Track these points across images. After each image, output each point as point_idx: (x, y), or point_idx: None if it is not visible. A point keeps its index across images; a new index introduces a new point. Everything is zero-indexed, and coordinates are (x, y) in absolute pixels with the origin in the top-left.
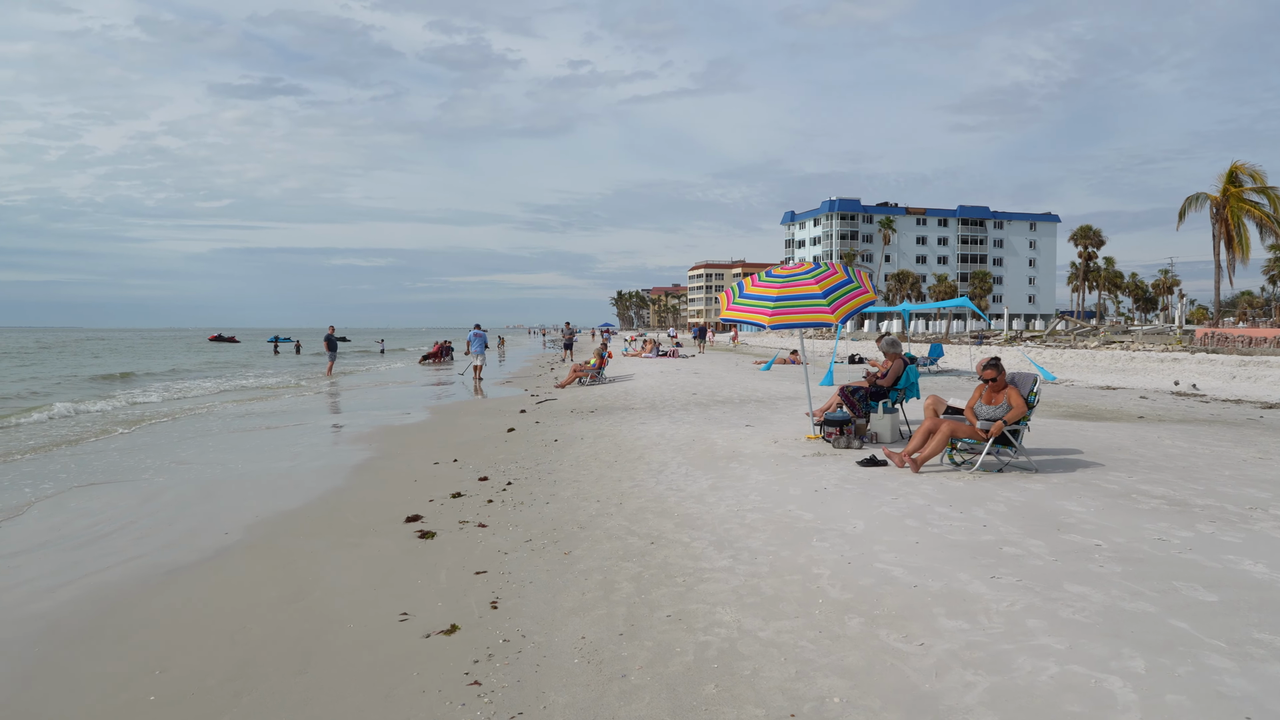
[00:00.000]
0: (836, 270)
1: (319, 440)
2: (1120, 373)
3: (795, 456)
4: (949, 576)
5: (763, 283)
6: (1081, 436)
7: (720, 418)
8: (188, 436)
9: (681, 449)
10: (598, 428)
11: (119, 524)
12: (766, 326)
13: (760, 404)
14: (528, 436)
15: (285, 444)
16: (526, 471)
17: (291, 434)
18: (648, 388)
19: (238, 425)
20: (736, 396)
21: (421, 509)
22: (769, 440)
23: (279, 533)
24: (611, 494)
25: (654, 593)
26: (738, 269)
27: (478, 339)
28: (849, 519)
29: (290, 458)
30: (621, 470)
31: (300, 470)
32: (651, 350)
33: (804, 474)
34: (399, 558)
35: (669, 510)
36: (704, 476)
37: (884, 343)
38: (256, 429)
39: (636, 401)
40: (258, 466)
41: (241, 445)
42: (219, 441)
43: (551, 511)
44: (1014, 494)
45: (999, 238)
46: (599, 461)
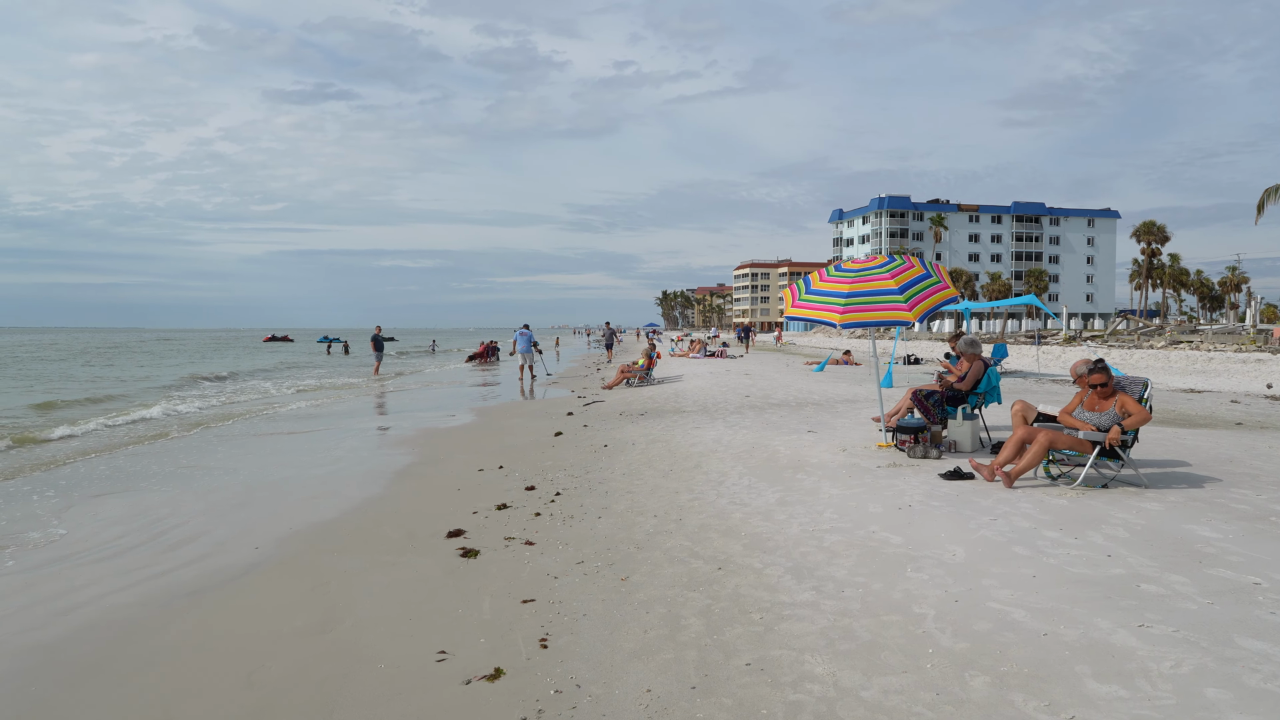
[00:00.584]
0: (913, 264)
1: (361, 444)
2: (1200, 374)
3: (868, 467)
4: (1085, 623)
5: (832, 278)
6: (1181, 446)
7: (778, 422)
8: (229, 438)
9: (741, 457)
10: (649, 432)
11: (148, 534)
12: (837, 325)
13: (818, 407)
14: (576, 441)
15: (327, 447)
16: (576, 480)
17: (335, 437)
18: (698, 389)
19: (283, 428)
20: (792, 399)
21: (464, 522)
22: (836, 448)
23: (312, 548)
24: (669, 508)
25: (727, 632)
26: (784, 268)
27: (524, 338)
28: (945, 544)
29: (332, 461)
30: (678, 480)
31: (340, 476)
32: (699, 350)
33: (882, 487)
34: (439, 580)
35: (734, 528)
36: (769, 489)
37: (962, 342)
38: (300, 431)
39: (687, 404)
40: (298, 471)
41: (284, 449)
42: (263, 444)
43: (604, 527)
44: (1130, 515)
45: (1055, 235)
46: (653, 470)
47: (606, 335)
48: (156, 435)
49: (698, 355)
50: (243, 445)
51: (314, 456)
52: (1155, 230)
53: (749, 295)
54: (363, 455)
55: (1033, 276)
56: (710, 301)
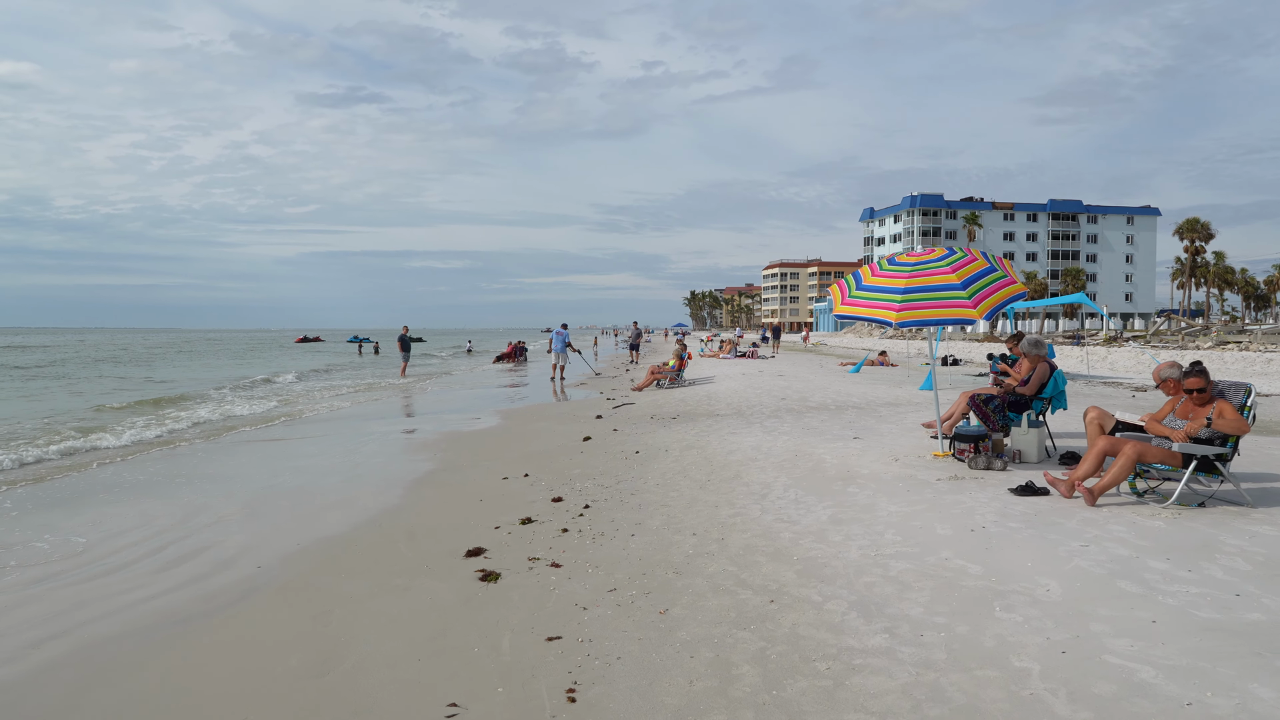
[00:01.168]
0: (975, 257)
1: (382, 448)
2: (1262, 376)
3: (927, 480)
4: (1238, 689)
5: (886, 272)
6: (1270, 456)
7: (820, 427)
8: (249, 442)
9: (784, 466)
10: (682, 437)
11: (149, 548)
12: (893, 323)
13: (860, 411)
14: (606, 447)
15: (347, 452)
16: (606, 491)
17: (356, 440)
18: (731, 391)
19: (305, 431)
20: (831, 402)
21: (485, 538)
22: (887, 457)
23: (318, 568)
24: (709, 525)
25: (789, 686)
26: (814, 268)
27: (559, 338)
28: (1034, 576)
29: (350, 468)
30: (717, 492)
31: (357, 483)
32: (729, 351)
33: (947, 504)
34: (454, 610)
35: (784, 551)
36: (819, 504)
37: (1025, 343)
38: (321, 435)
39: (721, 407)
40: (314, 479)
41: (303, 454)
42: (282, 449)
43: (638, 547)
44: (1244, 541)
45: (1093, 233)
46: (689, 480)
47: (633, 336)
48: (165, 442)
49: (728, 356)
50: (261, 450)
51: (332, 462)
52: (1199, 228)
53: (778, 295)
54: (383, 461)
55: (1070, 275)
56: (739, 302)
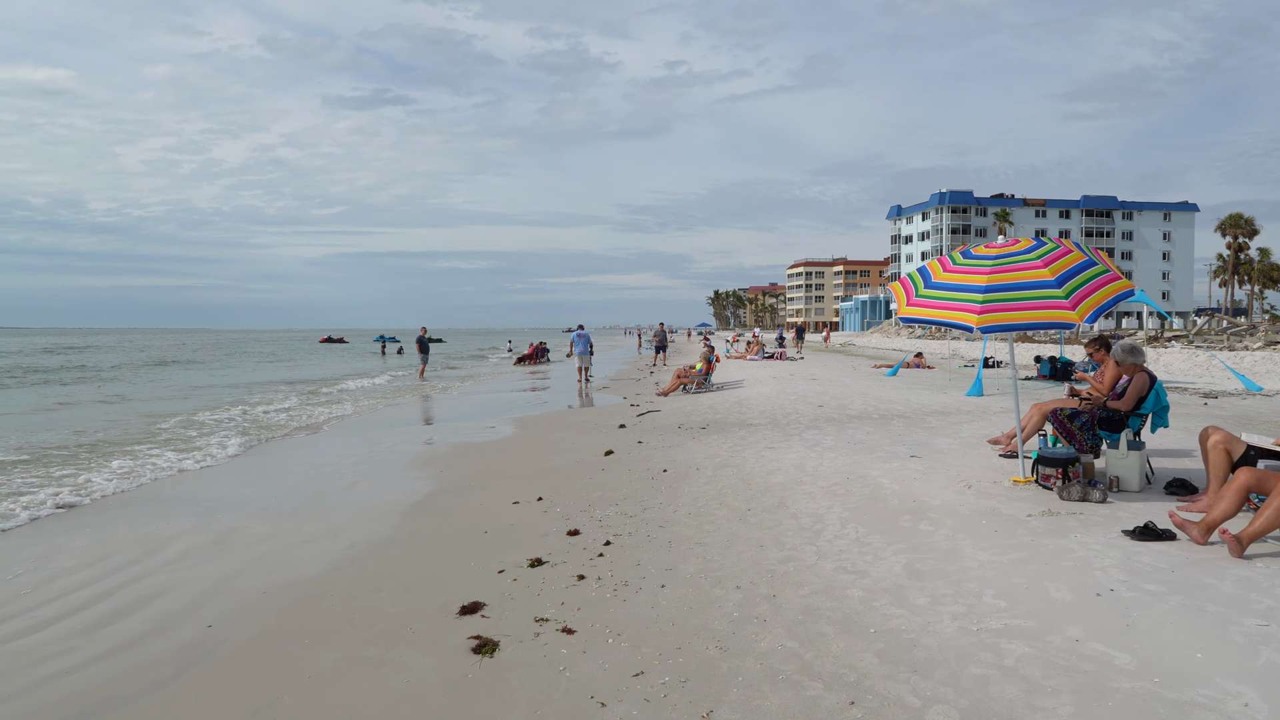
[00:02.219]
0: (1070, 248)
1: (384, 462)
2: None
3: (1015, 515)
4: None
5: (962, 266)
6: None
7: (868, 441)
8: (235, 455)
9: (836, 493)
10: (715, 452)
11: (89, 595)
12: (974, 329)
13: (908, 421)
14: (629, 463)
15: (343, 468)
16: (630, 522)
17: (356, 452)
18: (763, 397)
19: (302, 442)
20: (873, 410)
21: (485, 587)
22: (957, 482)
23: (280, 627)
24: (755, 573)
25: None
26: (839, 266)
27: (581, 340)
28: (1214, 677)
29: (344, 488)
30: (761, 527)
31: (348, 507)
32: (756, 352)
33: (1050, 552)
34: (436, 699)
35: (856, 618)
36: (889, 547)
37: (1118, 349)
38: (318, 446)
39: (754, 415)
40: (299, 502)
41: (292, 469)
42: (273, 463)
43: (670, 605)
44: None
45: (1128, 229)
46: (726, 509)
47: (659, 337)
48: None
49: (755, 357)
50: (253, 465)
51: (323, 481)
52: (1242, 223)
53: (803, 295)
54: (381, 479)
55: None
56: (763, 301)
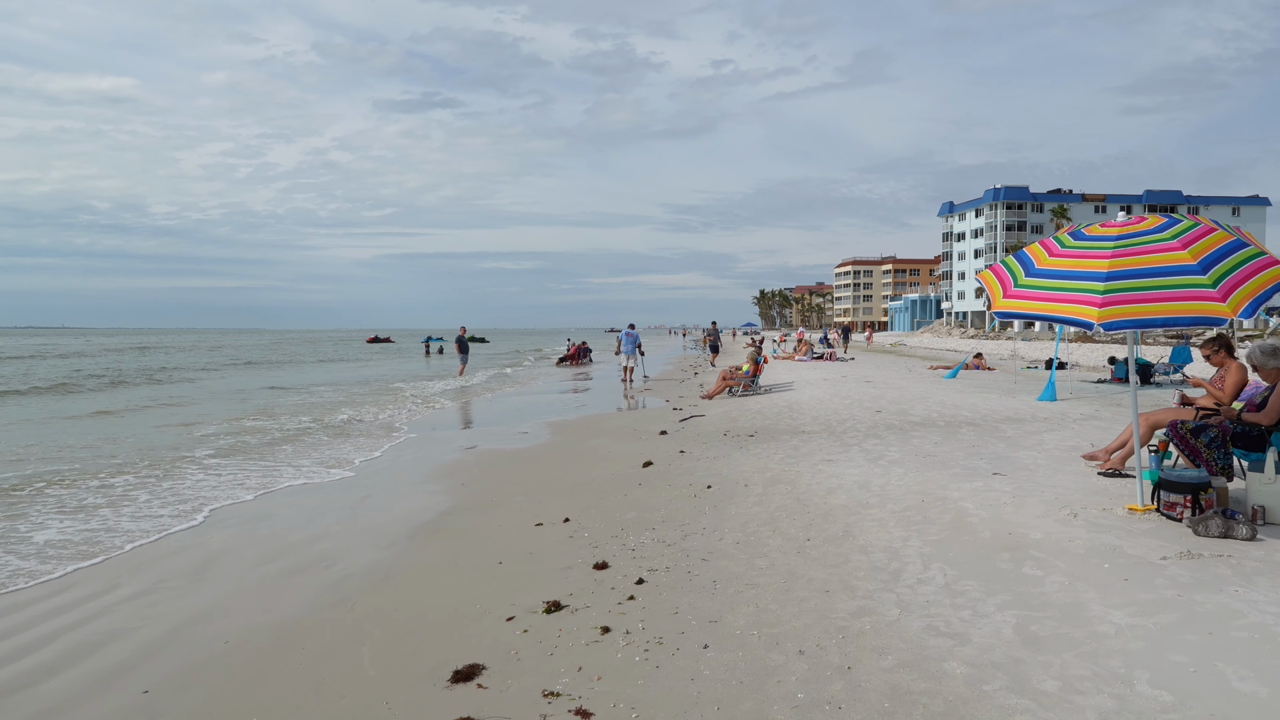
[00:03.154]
0: (1211, 226)
1: (402, 473)
2: None
3: (1144, 556)
4: None
5: (1073, 249)
6: None
7: (938, 453)
8: (253, 451)
9: (910, 519)
10: (765, 464)
11: (27, 640)
12: (1095, 325)
13: (979, 430)
14: (669, 476)
15: (355, 479)
16: (668, 553)
17: (374, 462)
18: (815, 401)
19: (313, 445)
20: (938, 416)
21: (488, 640)
22: (1057, 508)
23: (228, 695)
24: (822, 631)
25: None
26: (888, 265)
27: (629, 339)
28: None
29: (354, 503)
30: (824, 563)
31: (349, 529)
32: (805, 353)
33: (1208, 614)
34: None
35: (962, 708)
36: (989, 598)
37: (1258, 350)
38: (330, 453)
39: (806, 421)
40: (300, 518)
41: (296, 477)
42: (280, 471)
43: (713, 677)
44: None
45: None
46: (780, 537)
47: (712, 336)
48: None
49: (804, 358)
50: (255, 474)
51: (330, 495)
52: None
53: (851, 294)
54: (395, 491)
55: None
56: (809, 300)
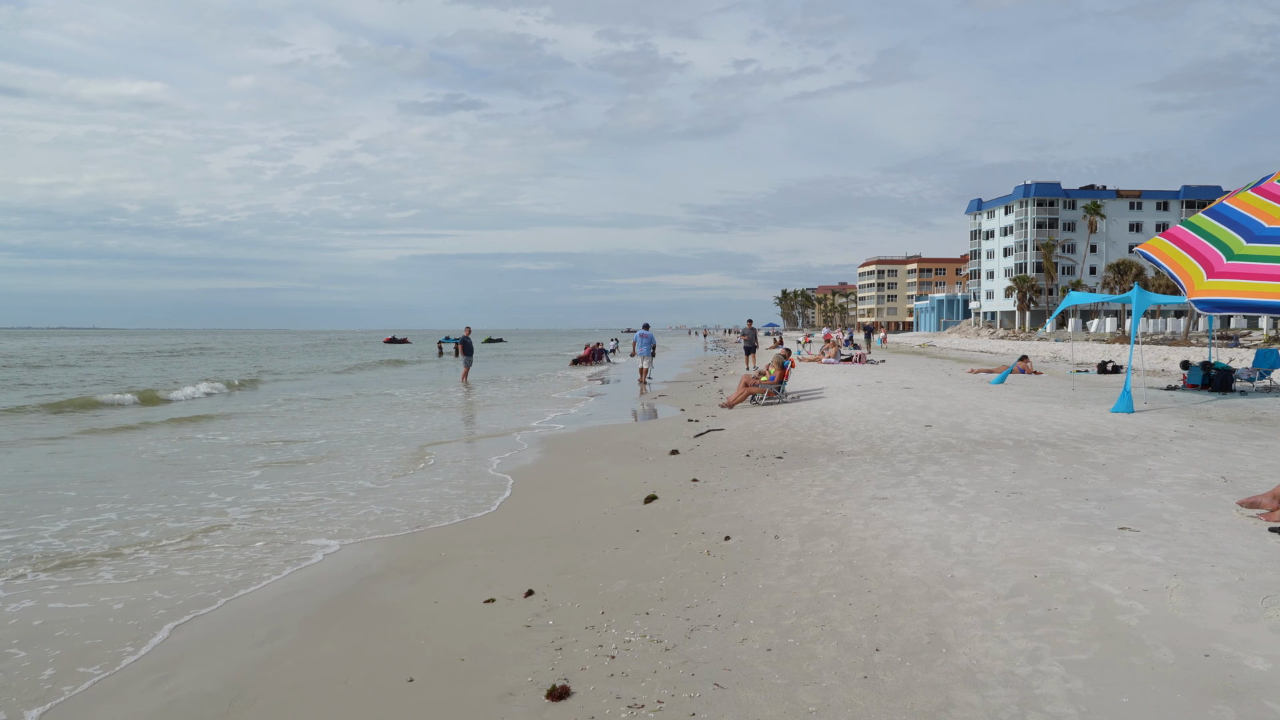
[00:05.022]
0: None
1: (330, 508)
2: None
3: None
4: None
5: None
6: None
7: (1024, 490)
8: (198, 470)
9: (1027, 612)
10: (799, 500)
11: None
12: None
13: (1059, 452)
14: (677, 518)
15: (270, 528)
16: (665, 664)
17: (318, 490)
18: (851, 412)
19: (271, 459)
20: (1002, 433)
21: None
22: (1254, 598)
23: None
24: None
25: None
26: (913, 264)
27: (644, 340)
28: None
29: (245, 561)
30: (908, 688)
31: (225, 606)
32: (833, 355)
33: None
34: None
35: None
36: None
37: None
38: (267, 485)
39: (844, 437)
40: (183, 575)
41: (177, 501)
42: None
43: None
44: None
45: None
46: (835, 642)
47: (748, 336)
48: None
49: (831, 361)
50: (179, 492)
51: (213, 546)
52: None
53: (875, 294)
54: (310, 538)
55: None
56: (832, 300)
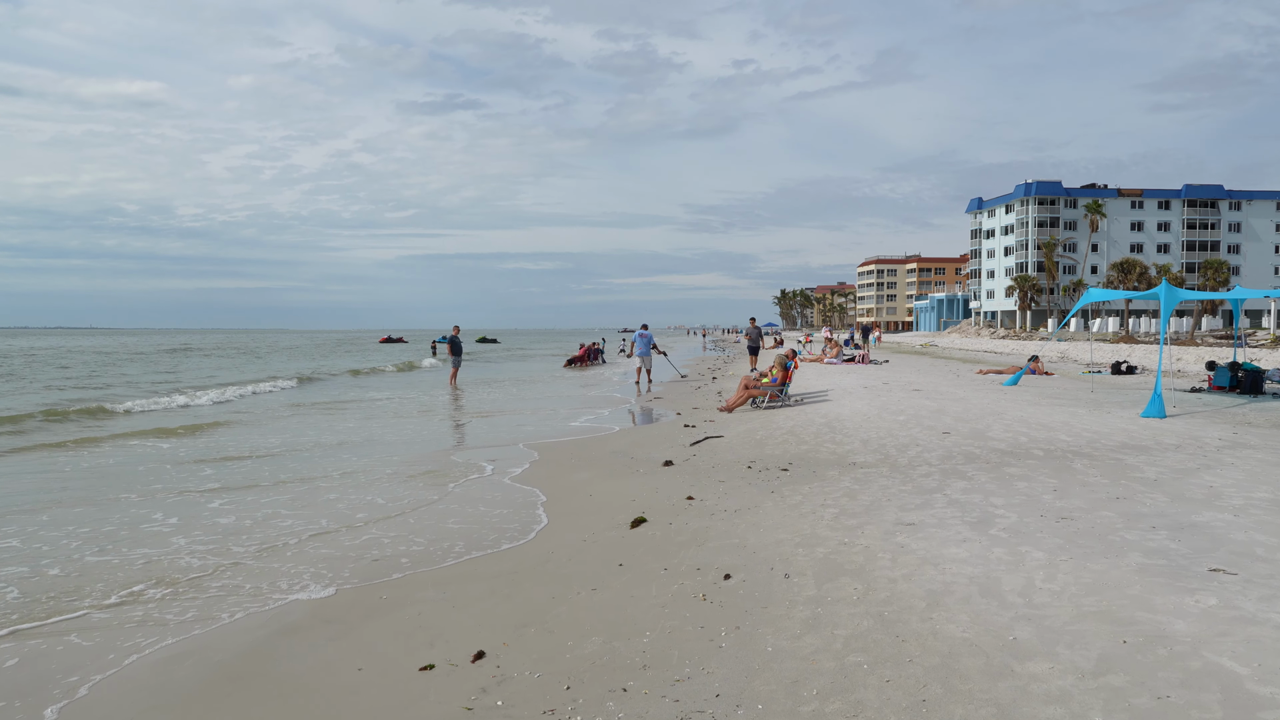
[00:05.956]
0: None
1: (264, 540)
2: None
3: None
4: None
5: None
6: None
7: (1073, 513)
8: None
9: (1120, 692)
10: (810, 525)
11: None
12: None
13: (1097, 464)
14: (668, 548)
15: (182, 562)
16: None
17: (249, 520)
18: (860, 417)
19: (197, 484)
20: (1029, 442)
21: None
22: None
23: None
24: None
25: None
26: (912, 264)
27: (643, 340)
28: None
29: (109, 637)
30: None
31: (88, 692)
32: (836, 354)
33: None
34: None
35: None
36: None
37: None
38: (172, 513)
39: (855, 445)
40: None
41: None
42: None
43: None
44: None
45: (1235, 221)
46: None
47: (752, 336)
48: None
49: (834, 361)
50: (90, 526)
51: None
52: None
53: (874, 293)
54: (245, 574)
55: (1210, 269)
56: (831, 300)
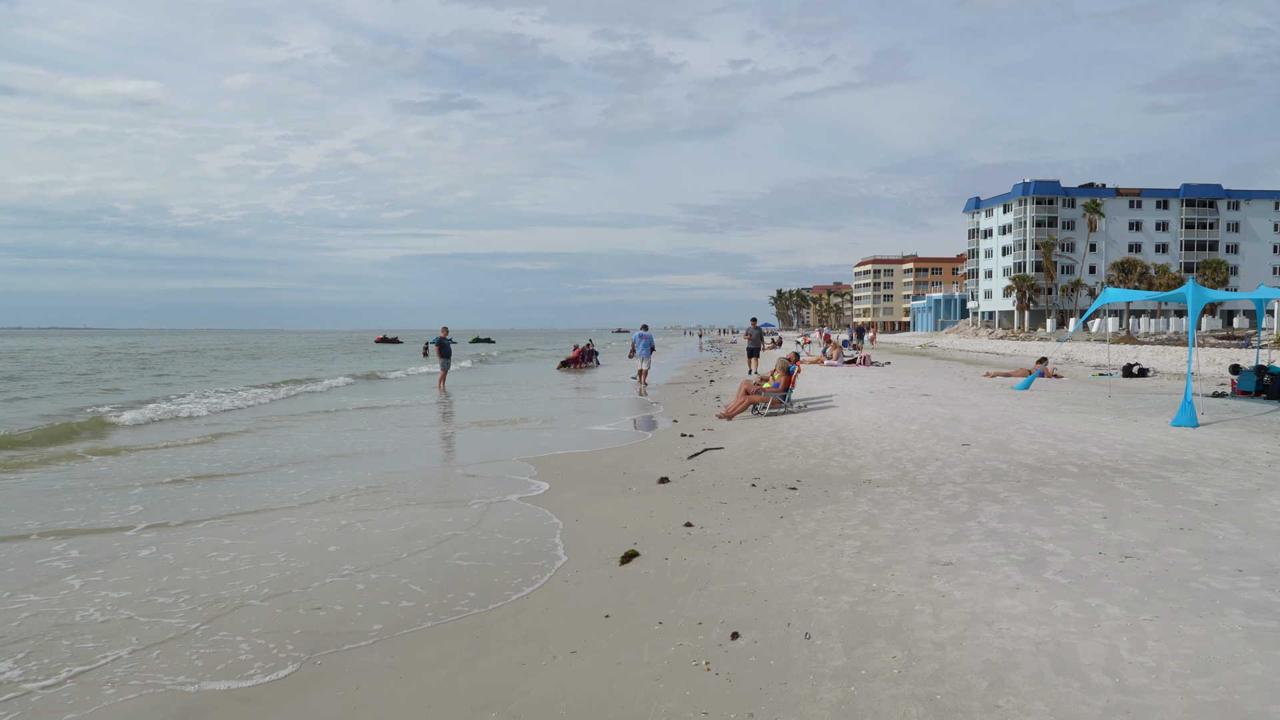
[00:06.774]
0: None
1: (191, 588)
2: None
3: None
4: None
5: None
6: None
7: (1136, 548)
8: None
9: None
10: (829, 565)
11: None
12: None
13: (1141, 483)
14: (662, 593)
15: (86, 624)
16: None
17: (162, 568)
18: (869, 425)
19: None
20: (1056, 455)
21: None
22: None
23: None
24: None
25: None
26: (909, 264)
27: (643, 341)
28: None
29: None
30: None
31: None
32: (836, 357)
33: None
34: None
35: None
36: None
37: None
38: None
39: (867, 458)
40: None
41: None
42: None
43: None
44: None
45: (1233, 220)
46: None
47: (753, 338)
48: None
49: (834, 363)
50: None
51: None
52: None
53: (871, 293)
54: (126, 639)
55: (1209, 268)
56: (827, 300)
